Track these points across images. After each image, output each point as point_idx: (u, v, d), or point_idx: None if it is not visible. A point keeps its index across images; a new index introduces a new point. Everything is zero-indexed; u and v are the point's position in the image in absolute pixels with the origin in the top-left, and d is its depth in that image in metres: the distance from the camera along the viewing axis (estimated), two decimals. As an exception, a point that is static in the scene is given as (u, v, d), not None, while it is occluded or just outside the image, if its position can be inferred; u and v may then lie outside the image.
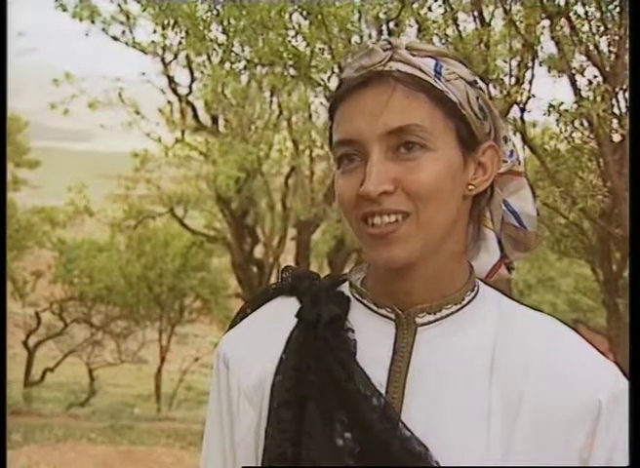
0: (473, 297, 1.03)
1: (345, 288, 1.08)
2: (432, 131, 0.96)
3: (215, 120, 12.39)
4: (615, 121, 3.69)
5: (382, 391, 0.98)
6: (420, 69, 0.98)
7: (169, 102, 12.74)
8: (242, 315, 1.14)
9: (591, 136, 3.83)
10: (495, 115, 1.04)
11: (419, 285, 1.00)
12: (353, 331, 1.02)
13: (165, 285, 16.08)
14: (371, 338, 1.01)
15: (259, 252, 13.63)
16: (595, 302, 9.97)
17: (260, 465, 1.02)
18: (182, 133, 12.60)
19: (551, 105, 3.65)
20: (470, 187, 1.01)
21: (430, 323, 1.01)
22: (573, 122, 3.71)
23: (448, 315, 1.01)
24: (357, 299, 1.06)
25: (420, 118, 0.96)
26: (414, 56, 0.99)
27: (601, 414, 0.96)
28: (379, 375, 0.99)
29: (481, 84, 1.04)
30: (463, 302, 1.02)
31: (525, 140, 4.07)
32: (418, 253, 0.97)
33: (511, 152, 1.09)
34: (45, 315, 17.01)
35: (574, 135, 3.88)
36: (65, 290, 17.13)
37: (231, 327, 1.14)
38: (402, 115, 0.96)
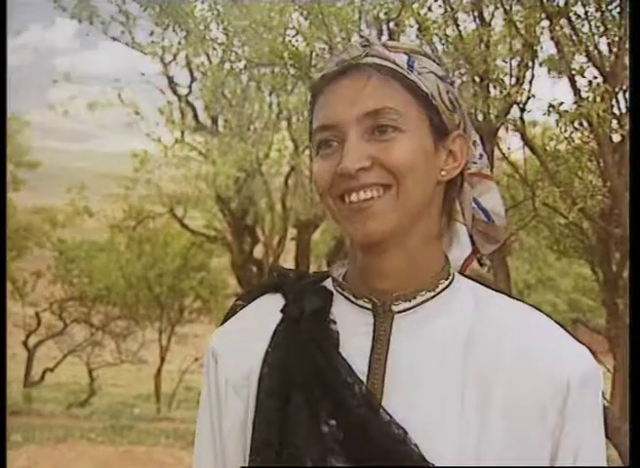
0: (447, 285, 1.07)
1: (328, 283, 1.13)
2: (405, 115, 1.02)
3: (214, 120, 12.38)
4: (614, 121, 3.69)
5: (364, 379, 1.02)
6: (395, 62, 1.04)
7: (168, 102, 12.73)
8: (232, 313, 1.18)
9: (591, 136, 3.83)
10: (463, 110, 1.10)
11: (394, 269, 1.04)
12: (335, 323, 1.06)
13: (165, 285, 16.09)
14: (352, 329, 1.06)
15: (258, 252, 13.62)
16: (595, 302, 9.99)
17: (247, 456, 1.05)
18: (182, 133, 12.59)
19: (551, 105, 3.65)
20: (443, 173, 1.06)
21: (406, 310, 1.05)
22: (573, 122, 3.71)
23: (423, 302, 1.05)
24: (339, 292, 1.10)
25: (394, 102, 1.02)
26: (389, 51, 1.05)
27: (570, 394, 0.99)
28: (360, 364, 1.03)
29: (451, 79, 1.10)
30: (437, 289, 1.06)
31: (525, 140, 4.07)
32: (393, 228, 1.01)
33: (480, 155, 1.15)
34: (45, 315, 17.02)
35: (574, 135, 3.88)
36: (65, 290, 17.15)
37: (222, 324, 1.18)
38: (377, 99, 1.02)
